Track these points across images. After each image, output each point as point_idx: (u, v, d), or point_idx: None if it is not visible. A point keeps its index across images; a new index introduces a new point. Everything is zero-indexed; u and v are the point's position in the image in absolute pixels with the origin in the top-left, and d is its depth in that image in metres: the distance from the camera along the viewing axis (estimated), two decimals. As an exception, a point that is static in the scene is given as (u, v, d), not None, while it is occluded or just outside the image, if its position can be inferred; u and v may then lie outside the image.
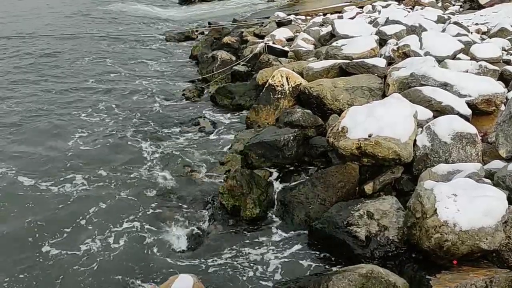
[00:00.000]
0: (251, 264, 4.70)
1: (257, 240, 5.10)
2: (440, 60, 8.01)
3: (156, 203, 5.93)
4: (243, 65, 11.77)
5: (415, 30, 10.42)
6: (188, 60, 14.56)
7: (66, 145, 7.88)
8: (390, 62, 8.58)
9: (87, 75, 12.44)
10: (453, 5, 17.83)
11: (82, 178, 6.66)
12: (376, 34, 10.12)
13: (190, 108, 9.75)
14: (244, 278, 4.51)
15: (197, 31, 18.53)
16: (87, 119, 9.11)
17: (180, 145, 7.76)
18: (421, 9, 15.43)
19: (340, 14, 16.24)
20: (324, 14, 17.13)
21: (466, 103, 6.35)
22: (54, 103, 10.13)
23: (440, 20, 12.72)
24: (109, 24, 21.38)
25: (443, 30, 10.83)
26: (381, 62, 8.32)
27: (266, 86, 8.50)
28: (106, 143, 7.92)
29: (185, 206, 5.84)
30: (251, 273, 4.57)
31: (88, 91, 11.00)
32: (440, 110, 6.17)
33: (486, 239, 3.80)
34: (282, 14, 17.49)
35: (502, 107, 6.34)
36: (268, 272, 4.58)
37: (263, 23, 15.96)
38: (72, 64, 13.65)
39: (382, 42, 9.66)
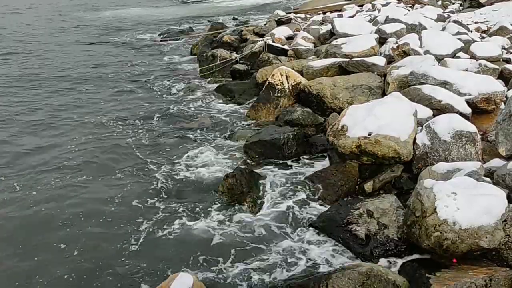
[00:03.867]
0: (251, 263, 4.70)
1: (256, 239, 5.09)
2: (440, 59, 8.02)
3: (154, 201, 5.91)
4: (242, 63, 11.76)
5: (415, 28, 10.42)
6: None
7: (62, 146, 7.86)
8: (390, 60, 8.59)
9: (77, 77, 12.51)
10: (453, 3, 17.85)
11: (77, 176, 6.65)
12: (375, 32, 10.12)
13: (190, 105, 9.74)
14: (244, 277, 4.51)
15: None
16: (86, 119, 9.09)
17: (178, 143, 7.75)
18: (421, 7, 15.45)
19: (340, 13, 16.23)
20: (324, 13, 17.11)
21: (466, 101, 6.35)
22: (52, 104, 10.16)
23: (440, 18, 12.74)
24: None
25: (443, 29, 10.85)
26: (381, 61, 8.33)
27: (266, 84, 8.50)
28: (104, 141, 7.91)
29: (185, 204, 5.83)
30: (250, 272, 4.57)
31: (86, 92, 11.04)
32: (439, 109, 6.18)
33: (486, 237, 3.80)
34: (282, 13, 17.50)
35: (502, 106, 6.35)
36: (267, 270, 4.58)
37: None
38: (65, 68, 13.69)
39: (382, 40, 9.66)
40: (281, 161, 6.65)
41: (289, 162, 6.65)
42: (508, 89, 7.10)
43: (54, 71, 13.48)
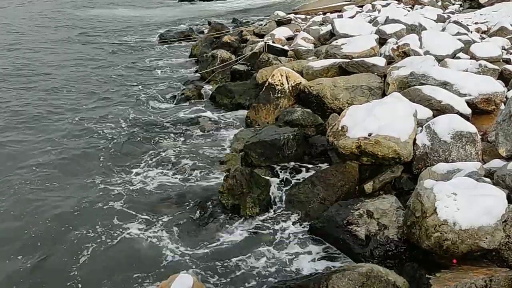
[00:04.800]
0: (251, 263, 4.70)
1: (256, 239, 5.10)
2: (440, 59, 8.02)
3: (155, 203, 5.93)
4: (242, 64, 11.75)
5: (415, 29, 10.43)
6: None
7: (33, 146, 7.78)
8: (390, 61, 8.58)
9: (83, 80, 12.27)
10: (453, 4, 17.85)
11: (77, 180, 6.63)
12: (376, 33, 10.12)
13: (189, 107, 9.73)
14: (244, 277, 4.51)
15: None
16: (85, 123, 8.99)
17: (179, 144, 7.75)
18: (421, 8, 15.44)
19: (340, 13, 16.24)
20: (324, 13, 17.13)
21: (466, 102, 6.35)
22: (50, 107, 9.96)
23: (440, 19, 12.74)
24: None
25: (443, 29, 10.85)
26: (381, 61, 8.33)
27: (266, 85, 8.49)
28: (104, 144, 7.89)
29: (185, 205, 5.85)
30: (250, 272, 4.58)
31: (87, 95, 10.89)
32: (440, 109, 6.17)
33: (486, 238, 3.80)
34: (282, 13, 17.51)
35: (502, 106, 6.34)
36: (267, 271, 4.58)
37: None
38: (67, 70, 13.35)
39: (382, 41, 9.65)
40: (281, 162, 6.65)
41: (289, 163, 6.65)
42: (508, 90, 7.10)
43: (36, 70, 13.12)
